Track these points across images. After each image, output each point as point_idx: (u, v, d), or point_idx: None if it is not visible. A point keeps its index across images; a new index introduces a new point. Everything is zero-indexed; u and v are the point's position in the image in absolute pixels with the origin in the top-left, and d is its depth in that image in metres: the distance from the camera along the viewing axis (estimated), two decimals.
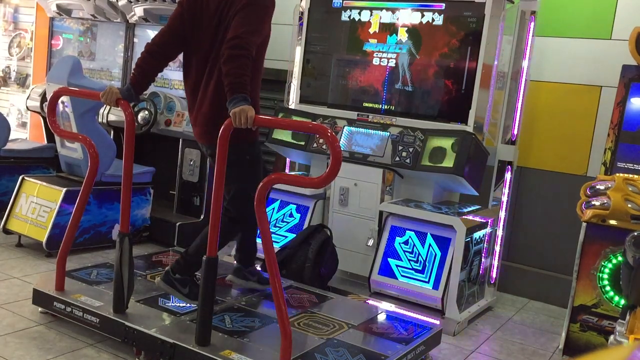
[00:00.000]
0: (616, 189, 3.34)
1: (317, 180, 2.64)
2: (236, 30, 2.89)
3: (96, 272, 3.61)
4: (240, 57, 2.83)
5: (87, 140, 3.39)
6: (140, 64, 3.15)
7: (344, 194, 4.25)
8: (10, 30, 6.84)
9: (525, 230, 4.59)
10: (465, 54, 4.00)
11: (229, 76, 2.81)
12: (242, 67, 2.82)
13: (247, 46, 2.86)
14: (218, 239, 2.78)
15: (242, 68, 2.82)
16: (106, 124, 5.22)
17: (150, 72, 3.17)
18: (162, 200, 5.07)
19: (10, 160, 5.11)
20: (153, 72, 3.19)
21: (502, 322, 4.06)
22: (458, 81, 4.04)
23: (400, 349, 2.98)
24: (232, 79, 2.80)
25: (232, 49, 2.84)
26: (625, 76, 3.75)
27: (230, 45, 2.85)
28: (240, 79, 2.80)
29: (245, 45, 2.85)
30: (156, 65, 3.18)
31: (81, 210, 3.32)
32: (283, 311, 2.59)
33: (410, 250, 3.92)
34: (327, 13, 4.56)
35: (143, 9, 5.13)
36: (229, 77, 2.81)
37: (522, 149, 4.38)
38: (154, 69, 3.18)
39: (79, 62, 4.56)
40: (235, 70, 2.81)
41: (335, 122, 4.38)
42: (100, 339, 3.11)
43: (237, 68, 2.81)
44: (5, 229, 4.50)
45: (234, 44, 2.85)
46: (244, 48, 2.85)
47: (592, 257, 3.48)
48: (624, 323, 2.85)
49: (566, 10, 4.41)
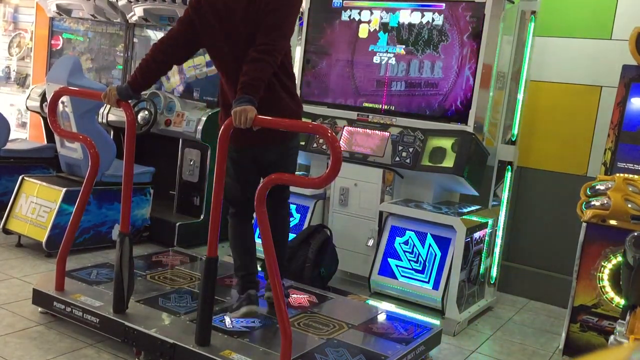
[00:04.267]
0: (616, 189, 3.34)
1: (317, 180, 2.64)
2: (268, 34, 2.83)
3: (96, 272, 3.61)
4: (263, 62, 2.78)
5: (87, 140, 3.39)
6: (143, 68, 3.08)
7: (344, 194, 4.25)
8: (10, 30, 6.84)
9: (525, 230, 4.59)
10: (465, 54, 4.00)
11: (246, 75, 2.76)
12: (262, 71, 2.77)
13: (275, 53, 2.82)
14: (218, 239, 2.78)
15: (261, 72, 2.77)
16: (106, 124, 5.22)
17: (151, 78, 3.14)
18: (162, 200, 5.07)
19: (10, 160, 5.11)
20: (155, 78, 3.18)
21: (502, 323, 4.06)
22: (458, 81, 4.04)
23: (400, 349, 2.98)
24: (247, 79, 2.75)
25: (260, 53, 2.79)
26: (625, 76, 3.74)
27: (260, 49, 2.79)
28: (255, 82, 2.75)
29: (273, 51, 2.81)
30: (159, 73, 3.17)
31: (81, 211, 3.32)
32: (283, 311, 2.59)
33: (410, 250, 3.92)
34: (327, 13, 4.56)
35: (143, 9, 5.13)
36: (245, 76, 2.76)
37: (522, 149, 4.38)
38: (156, 75, 3.17)
39: (79, 62, 4.56)
40: (254, 73, 2.76)
41: (335, 122, 4.38)
42: (100, 339, 3.11)
43: (256, 71, 2.76)
44: (5, 229, 4.50)
45: (263, 48, 2.79)
46: (271, 54, 2.80)
47: (592, 257, 3.48)
48: (624, 323, 2.85)
49: (566, 10, 4.41)
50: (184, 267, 3.89)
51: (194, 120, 4.82)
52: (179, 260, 4.03)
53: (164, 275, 3.69)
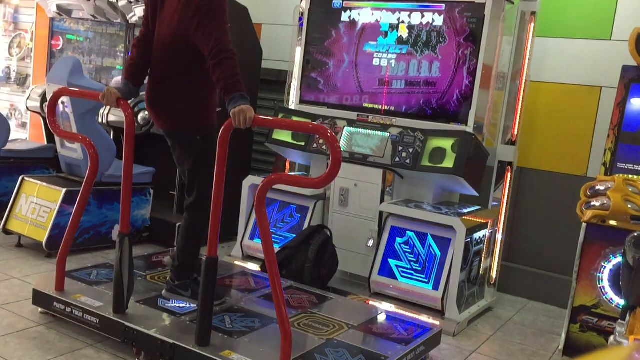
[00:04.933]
0: (616, 189, 3.34)
1: (317, 180, 2.64)
2: (208, 40, 2.89)
3: (96, 272, 3.61)
4: (225, 60, 2.85)
5: (87, 140, 3.39)
6: (132, 67, 3.21)
7: (344, 195, 4.25)
8: (11, 30, 6.84)
9: (525, 230, 4.59)
10: (465, 54, 4.01)
11: (220, 81, 2.84)
12: (230, 68, 2.84)
13: (226, 47, 2.87)
14: (218, 239, 2.78)
15: (230, 69, 2.84)
16: (106, 124, 5.22)
17: (140, 62, 3.20)
18: (162, 200, 5.07)
19: (10, 161, 5.11)
20: (143, 61, 3.21)
21: (502, 323, 4.06)
22: (458, 82, 4.04)
23: (400, 350, 2.98)
24: (225, 82, 2.82)
25: (214, 57, 2.85)
26: (625, 77, 3.75)
27: (212, 55, 2.86)
28: (232, 79, 2.82)
29: (223, 48, 2.87)
30: (143, 54, 3.21)
31: (81, 211, 3.32)
32: (283, 312, 2.59)
33: (411, 250, 3.92)
34: (327, 13, 4.56)
35: (143, 9, 5.12)
36: (221, 82, 2.84)
37: (522, 149, 4.38)
38: (142, 58, 3.21)
39: (79, 62, 4.57)
40: (225, 74, 2.83)
41: (335, 122, 4.38)
42: (100, 340, 3.11)
43: (225, 71, 2.83)
44: (5, 230, 4.50)
45: (214, 53, 2.86)
46: (224, 51, 2.86)
47: (592, 257, 3.48)
48: (624, 324, 2.85)
49: (566, 10, 4.41)
50: None
51: None
52: None
53: (164, 275, 3.69)
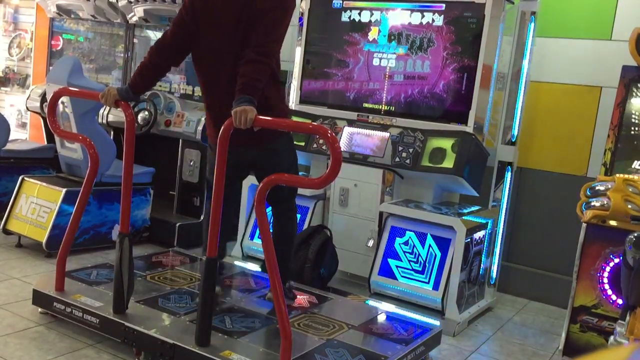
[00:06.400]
0: (616, 189, 3.34)
1: (317, 181, 2.64)
2: (262, 37, 2.89)
3: (96, 272, 3.61)
4: (261, 63, 2.86)
5: (87, 140, 3.39)
6: (141, 71, 3.15)
7: (344, 195, 4.25)
8: (10, 30, 6.84)
9: (525, 230, 4.59)
10: (465, 54, 4.00)
11: (244, 76, 2.82)
12: (259, 72, 2.84)
13: (271, 55, 2.90)
14: (218, 239, 2.78)
15: (259, 74, 2.84)
16: (106, 124, 5.22)
17: (150, 81, 3.21)
18: (162, 200, 5.07)
19: (10, 161, 5.11)
20: (154, 81, 3.24)
21: (502, 323, 4.06)
22: (458, 82, 4.04)
23: (400, 350, 2.98)
24: (246, 80, 2.81)
25: (258, 54, 2.86)
26: (625, 77, 3.74)
27: (257, 50, 2.87)
28: (254, 82, 2.81)
29: (269, 53, 2.89)
30: (157, 76, 3.22)
31: (81, 211, 3.32)
32: (283, 312, 2.59)
33: (410, 250, 3.92)
34: (327, 14, 4.56)
35: (143, 9, 5.13)
36: (243, 77, 2.82)
37: (522, 149, 4.38)
38: (154, 78, 3.22)
39: (79, 62, 4.56)
40: (252, 74, 2.83)
41: (335, 122, 4.38)
42: (100, 340, 3.11)
43: (254, 72, 2.83)
44: (5, 230, 4.50)
45: (259, 51, 2.87)
46: (268, 56, 2.88)
47: (592, 257, 3.48)
48: (624, 324, 2.85)
49: (566, 11, 4.41)
50: (184, 268, 3.88)
51: (194, 120, 4.82)
52: (179, 260, 4.03)
53: (164, 275, 3.69)
